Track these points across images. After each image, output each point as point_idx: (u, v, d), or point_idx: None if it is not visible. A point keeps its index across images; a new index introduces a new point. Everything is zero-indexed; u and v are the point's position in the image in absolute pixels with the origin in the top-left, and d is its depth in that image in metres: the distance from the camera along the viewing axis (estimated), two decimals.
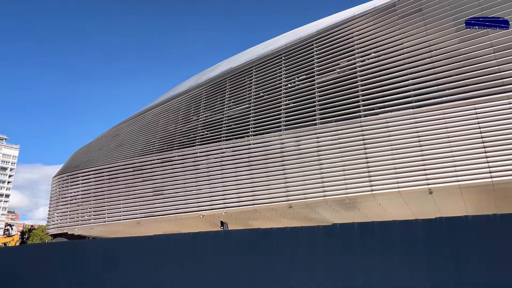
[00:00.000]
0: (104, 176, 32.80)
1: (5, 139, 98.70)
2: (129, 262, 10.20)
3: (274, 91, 23.78)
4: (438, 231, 6.40)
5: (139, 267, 9.76)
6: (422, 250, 6.37)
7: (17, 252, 17.38)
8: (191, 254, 9.17)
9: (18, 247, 13.03)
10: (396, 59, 19.26)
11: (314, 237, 7.70)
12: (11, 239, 47.87)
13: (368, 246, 6.83)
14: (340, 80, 20.94)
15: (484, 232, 6.03)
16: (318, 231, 7.83)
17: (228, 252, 8.48)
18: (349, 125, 19.46)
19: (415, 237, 6.55)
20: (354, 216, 22.40)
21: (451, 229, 6.32)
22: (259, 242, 8.13)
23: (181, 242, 10.26)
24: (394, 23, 19.93)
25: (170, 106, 31.07)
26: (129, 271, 9.99)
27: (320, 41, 22.79)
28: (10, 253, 16.56)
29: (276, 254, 7.72)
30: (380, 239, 6.80)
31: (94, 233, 35.63)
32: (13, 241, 46.66)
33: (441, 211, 19.60)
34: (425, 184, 16.73)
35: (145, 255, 10.03)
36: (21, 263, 13.33)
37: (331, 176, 19.60)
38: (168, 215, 26.91)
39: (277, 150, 22.06)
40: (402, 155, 17.49)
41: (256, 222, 25.91)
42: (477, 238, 6.08)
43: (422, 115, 17.39)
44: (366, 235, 7.01)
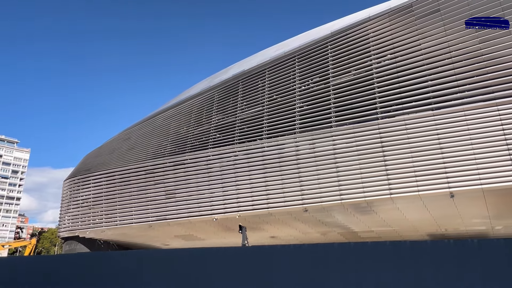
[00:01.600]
0: (115, 179, 32.80)
1: (16, 143, 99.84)
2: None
3: (288, 94, 23.56)
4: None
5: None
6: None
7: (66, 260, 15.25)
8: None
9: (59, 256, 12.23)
10: (414, 60, 18.94)
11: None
12: (28, 242, 47.42)
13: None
14: (356, 82, 20.66)
15: None
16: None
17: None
18: (367, 127, 19.16)
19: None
20: (370, 220, 22.05)
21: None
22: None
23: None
24: (411, 24, 19.63)
25: (181, 109, 30.99)
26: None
27: (334, 42, 22.54)
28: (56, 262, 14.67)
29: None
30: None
31: (105, 236, 35.59)
32: (30, 245, 46.36)
33: (462, 215, 19.20)
34: (447, 188, 16.37)
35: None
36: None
37: (348, 179, 19.28)
38: (180, 219, 26.74)
39: (292, 153, 21.81)
40: (422, 157, 17.14)
41: (269, 226, 25.63)
42: None
43: (442, 117, 17.05)
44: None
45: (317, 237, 27.57)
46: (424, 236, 25.21)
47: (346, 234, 25.85)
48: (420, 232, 23.98)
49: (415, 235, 25.01)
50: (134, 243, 37.25)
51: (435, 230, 23.11)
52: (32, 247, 46.70)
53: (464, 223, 20.89)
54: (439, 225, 21.85)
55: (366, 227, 23.35)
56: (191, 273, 9.19)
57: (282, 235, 27.93)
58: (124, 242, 37.37)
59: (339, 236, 26.42)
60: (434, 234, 24.42)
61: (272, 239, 28.33)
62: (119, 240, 37.03)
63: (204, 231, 29.58)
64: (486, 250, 6.41)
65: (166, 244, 36.26)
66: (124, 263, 11.04)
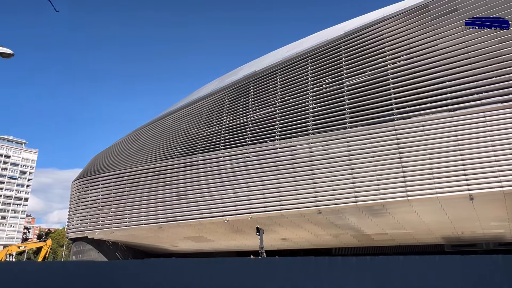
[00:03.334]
0: (125, 180, 32.73)
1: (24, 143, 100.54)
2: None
3: (300, 94, 23.37)
4: None
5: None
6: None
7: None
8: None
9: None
10: (431, 60, 18.68)
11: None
12: (44, 244, 47.11)
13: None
14: (371, 82, 20.43)
15: None
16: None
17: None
18: (383, 128, 18.92)
19: None
20: (384, 222, 21.76)
21: None
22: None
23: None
24: (427, 24, 19.37)
25: (191, 110, 30.88)
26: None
27: (348, 43, 22.32)
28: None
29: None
30: None
31: (114, 237, 35.53)
32: (46, 246, 46.13)
33: (480, 218, 18.88)
34: (466, 190, 16.08)
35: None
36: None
37: (363, 181, 19.04)
38: (191, 220, 26.60)
39: (305, 155, 21.59)
40: (440, 159, 16.87)
41: (281, 228, 25.40)
42: None
43: (461, 118, 16.78)
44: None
45: (329, 239, 27.31)
46: (439, 239, 24.89)
47: (358, 237, 25.56)
48: (435, 235, 23.66)
49: (430, 238, 24.69)
50: (143, 244, 37.18)
51: (451, 233, 22.77)
52: (47, 248, 46.49)
53: (482, 226, 20.54)
54: (456, 228, 21.51)
55: (380, 230, 23.06)
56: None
57: (293, 237, 27.70)
58: (133, 243, 37.31)
59: (352, 238, 26.15)
60: (449, 237, 24.08)
61: (283, 241, 28.10)
62: (128, 241, 36.98)
63: (214, 233, 29.41)
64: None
65: (175, 245, 36.15)
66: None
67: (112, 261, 14.59)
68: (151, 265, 10.05)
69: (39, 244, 50.10)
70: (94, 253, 37.46)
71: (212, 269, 8.99)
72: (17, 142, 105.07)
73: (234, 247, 34.43)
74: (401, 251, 28.60)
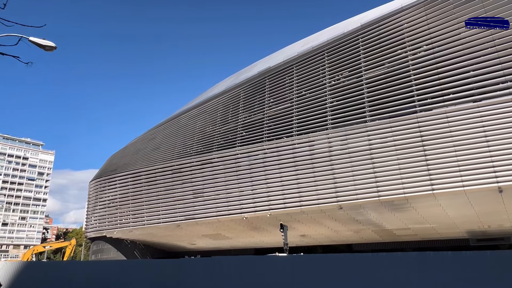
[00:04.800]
0: (142, 179, 32.95)
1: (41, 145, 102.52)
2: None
3: (318, 89, 23.03)
4: None
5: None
6: None
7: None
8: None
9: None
10: (454, 50, 18.13)
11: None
12: (68, 243, 47.81)
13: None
14: (391, 75, 19.96)
15: None
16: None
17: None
18: (405, 121, 18.48)
19: None
20: (407, 217, 21.33)
21: None
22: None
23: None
24: (449, 12, 18.80)
25: (206, 107, 30.83)
26: None
27: (366, 35, 21.87)
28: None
29: None
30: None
31: (132, 236, 35.86)
32: (70, 245, 46.84)
33: (508, 211, 18.31)
34: (495, 182, 15.58)
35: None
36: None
37: (385, 176, 18.66)
38: (210, 217, 26.59)
39: (324, 150, 21.28)
40: (467, 151, 16.38)
41: (300, 225, 25.16)
42: None
43: (488, 108, 16.24)
44: None
45: (349, 235, 26.98)
46: (463, 233, 24.30)
47: (380, 232, 25.16)
48: (459, 229, 23.10)
49: (454, 233, 24.14)
50: (161, 242, 37.43)
51: (477, 227, 22.19)
52: (72, 247, 47.15)
53: (510, 219, 19.94)
54: (482, 222, 20.95)
55: (403, 224, 22.63)
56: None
57: (312, 233, 27.45)
58: (150, 241, 37.60)
59: (373, 234, 25.77)
60: (475, 231, 23.48)
61: (302, 237, 27.86)
62: (146, 240, 37.27)
63: (232, 230, 29.37)
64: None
65: (193, 243, 36.28)
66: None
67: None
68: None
69: (64, 244, 50.84)
70: (113, 252, 37.91)
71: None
72: (34, 144, 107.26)
73: (252, 244, 34.35)
74: (424, 246, 28.07)
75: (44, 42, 4.67)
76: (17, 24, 4.33)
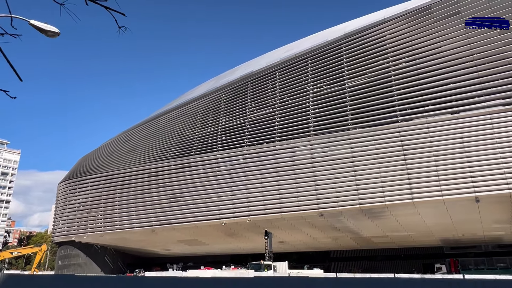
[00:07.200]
0: (115, 182, 31.77)
1: (6, 144, 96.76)
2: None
3: (300, 96, 23.07)
4: None
5: None
6: None
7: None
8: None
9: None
10: (434, 62, 18.68)
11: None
12: (38, 249, 44.54)
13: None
14: (373, 84, 20.30)
15: None
16: None
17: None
18: (387, 130, 18.78)
19: None
20: (385, 225, 21.59)
21: None
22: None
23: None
24: (430, 26, 19.38)
25: (186, 110, 30.23)
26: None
27: (349, 44, 22.17)
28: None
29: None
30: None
31: (103, 241, 34.43)
32: (41, 251, 43.79)
33: (483, 220, 18.91)
34: (472, 192, 16.05)
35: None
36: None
37: (367, 183, 18.84)
38: (187, 223, 25.93)
39: (306, 156, 21.28)
40: (446, 161, 16.82)
41: (279, 231, 24.94)
42: None
43: (467, 120, 16.78)
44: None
45: (327, 242, 27.06)
46: (438, 241, 24.93)
47: (357, 239, 25.39)
48: (435, 237, 23.67)
49: (429, 240, 24.71)
50: (134, 248, 36.16)
51: (452, 235, 22.83)
52: (43, 254, 44.20)
53: (484, 228, 20.63)
54: (457, 230, 21.56)
55: (381, 232, 22.92)
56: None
57: (291, 240, 27.34)
58: (122, 247, 36.24)
59: (351, 241, 25.97)
60: (449, 239, 24.15)
61: (281, 244, 27.68)
62: (118, 245, 35.89)
63: (209, 236, 28.78)
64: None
65: (168, 249, 35.30)
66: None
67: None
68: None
69: (34, 250, 47.50)
70: (82, 257, 36.25)
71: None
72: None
73: (229, 250, 33.84)
74: (399, 253, 28.58)
75: (46, 27, 4.20)
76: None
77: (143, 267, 35.11)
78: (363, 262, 29.83)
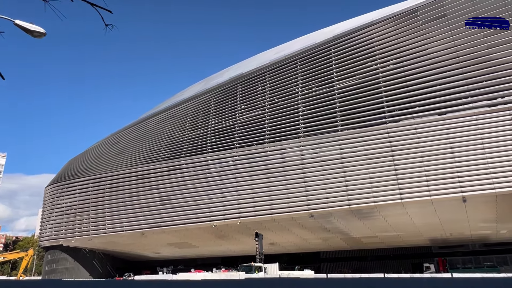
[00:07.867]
0: (104, 185, 31.37)
1: None
2: None
3: (290, 97, 23.14)
4: None
5: None
6: None
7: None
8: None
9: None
10: (421, 64, 18.94)
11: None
12: (25, 254, 43.36)
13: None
14: (362, 85, 20.48)
15: None
16: None
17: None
18: (375, 131, 18.96)
19: None
20: (375, 225, 21.76)
21: None
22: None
23: None
24: (417, 28, 19.66)
25: (176, 112, 30.06)
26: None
27: (337, 46, 22.34)
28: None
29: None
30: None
31: (92, 245, 33.95)
32: (27, 256, 42.68)
33: (470, 220, 19.20)
34: (459, 192, 16.30)
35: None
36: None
37: (356, 184, 18.98)
38: (177, 225, 25.73)
39: (296, 158, 21.34)
40: (433, 162, 17.05)
41: (270, 233, 24.94)
42: None
43: (453, 121, 17.05)
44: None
45: (318, 243, 27.15)
46: (427, 241, 25.24)
47: (347, 240, 25.54)
48: (423, 237, 23.96)
49: (418, 240, 24.99)
50: (123, 251, 35.75)
51: (440, 235, 23.13)
52: (29, 259, 43.09)
53: (471, 227, 20.95)
54: (445, 230, 21.86)
55: (371, 233, 23.10)
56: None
57: (281, 241, 27.36)
58: (111, 250, 35.79)
59: (341, 241, 26.10)
60: (437, 239, 24.47)
61: (271, 245, 27.68)
62: (107, 249, 35.43)
63: (199, 239, 28.62)
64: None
65: (157, 252, 34.99)
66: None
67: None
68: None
69: (20, 255, 46.30)
70: (70, 262, 35.66)
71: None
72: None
73: (219, 252, 33.70)
74: (388, 253, 28.85)
75: (32, 27, 4.12)
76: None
77: (132, 270, 34.76)
78: (353, 262, 30.03)
